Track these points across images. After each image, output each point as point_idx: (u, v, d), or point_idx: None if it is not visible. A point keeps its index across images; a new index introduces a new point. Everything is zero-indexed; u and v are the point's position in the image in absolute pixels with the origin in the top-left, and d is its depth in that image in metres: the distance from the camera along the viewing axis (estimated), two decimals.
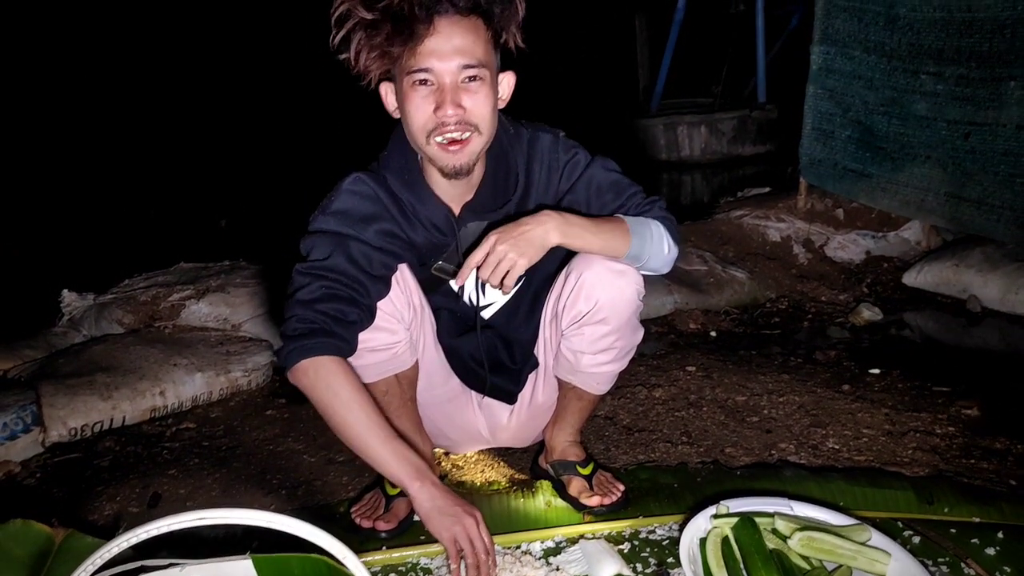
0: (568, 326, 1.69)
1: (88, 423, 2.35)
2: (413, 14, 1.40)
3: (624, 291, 1.64)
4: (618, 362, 1.77)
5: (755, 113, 8.00)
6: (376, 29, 1.41)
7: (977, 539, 1.67)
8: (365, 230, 1.58)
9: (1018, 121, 3.08)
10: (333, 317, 1.52)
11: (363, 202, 1.59)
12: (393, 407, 1.76)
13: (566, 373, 1.79)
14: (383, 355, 1.65)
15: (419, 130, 1.51)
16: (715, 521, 1.61)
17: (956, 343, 3.18)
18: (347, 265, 1.54)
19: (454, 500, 1.47)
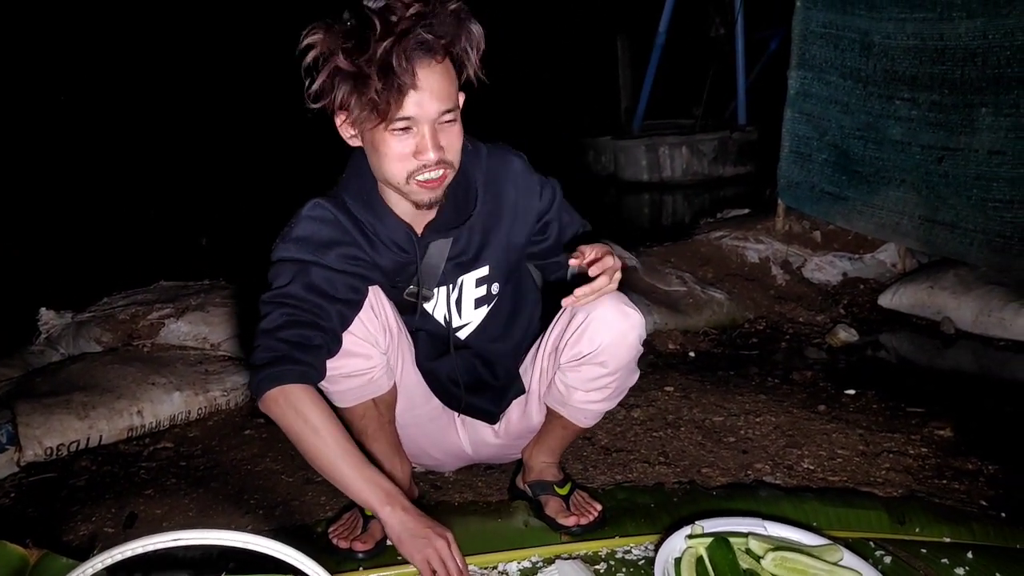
0: (567, 362, 1.70)
1: (64, 442, 2.34)
2: (401, 66, 1.40)
3: (628, 336, 1.65)
4: (609, 401, 1.78)
5: (735, 135, 8.10)
6: (364, 83, 1.41)
7: (947, 559, 1.69)
8: (326, 255, 1.58)
9: (989, 146, 3.14)
10: (295, 343, 1.53)
11: (323, 227, 1.60)
12: (370, 430, 1.76)
13: (555, 403, 1.80)
14: (359, 380, 1.66)
15: (398, 172, 1.52)
16: (690, 541, 1.62)
17: (930, 364, 3.23)
18: (305, 292, 1.55)
19: (425, 522, 1.48)
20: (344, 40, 1.41)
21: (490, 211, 1.72)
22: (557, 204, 1.80)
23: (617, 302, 1.64)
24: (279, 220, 1.66)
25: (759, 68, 8.36)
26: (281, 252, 1.59)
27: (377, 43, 1.38)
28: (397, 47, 1.39)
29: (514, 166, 1.73)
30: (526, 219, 1.76)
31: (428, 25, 1.41)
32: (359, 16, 1.40)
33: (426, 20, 1.41)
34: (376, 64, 1.39)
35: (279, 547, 1.20)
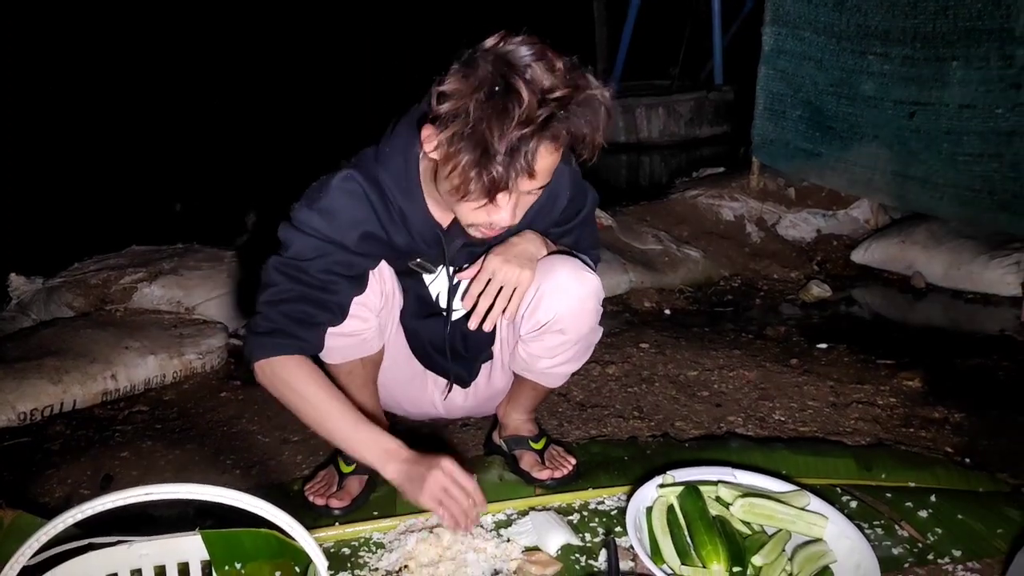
0: (527, 332, 1.69)
1: (38, 407, 2.33)
2: (527, 157, 1.33)
3: (585, 303, 1.64)
4: (575, 362, 1.78)
5: (712, 95, 8.05)
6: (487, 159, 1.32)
7: (911, 503, 1.74)
8: (349, 234, 1.55)
9: (960, 100, 3.16)
10: (297, 320, 1.54)
11: (351, 203, 1.55)
12: (353, 387, 1.77)
13: (521, 370, 1.81)
14: (351, 340, 1.67)
15: (464, 217, 1.47)
16: (661, 490, 1.65)
17: (901, 318, 3.27)
18: (321, 272, 1.55)
19: (424, 462, 1.46)
20: (484, 106, 1.30)
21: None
22: (582, 217, 1.79)
23: (572, 267, 1.63)
24: (256, 185, 1.64)
25: (735, 27, 8.30)
26: (305, 218, 1.54)
27: (517, 126, 1.29)
28: (534, 136, 1.32)
29: (563, 176, 1.65)
30: (548, 219, 1.73)
31: (566, 118, 1.33)
32: (507, 87, 1.29)
33: (567, 109, 1.33)
34: (506, 146, 1.30)
35: (249, 499, 1.20)
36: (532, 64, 1.31)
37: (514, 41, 1.35)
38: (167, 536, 1.39)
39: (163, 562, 1.38)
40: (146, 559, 1.36)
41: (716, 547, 1.48)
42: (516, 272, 1.60)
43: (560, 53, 1.37)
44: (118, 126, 7.68)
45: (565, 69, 1.34)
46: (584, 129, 1.36)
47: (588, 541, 1.64)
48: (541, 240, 1.68)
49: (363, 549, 1.64)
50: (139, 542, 1.36)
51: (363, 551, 1.63)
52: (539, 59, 1.32)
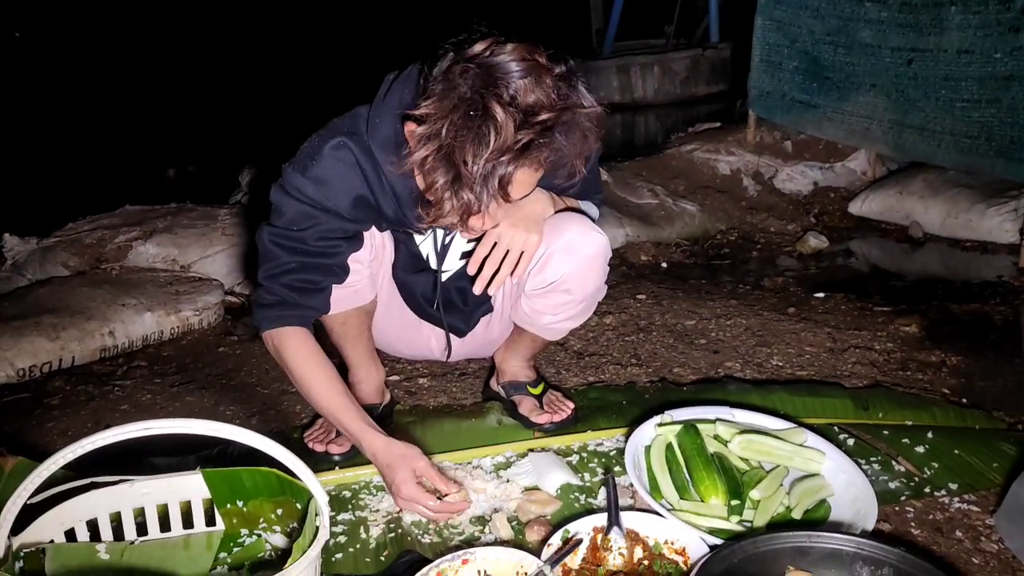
0: (532, 289, 1.67)
1: (36, 363, 2.33)
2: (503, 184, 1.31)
3: (594, 263, 1.63)
4: (577, 319, 1.78)
5: (708, 53, 7.98)
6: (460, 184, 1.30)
7: (908, 439, 1.75)
8: (342, 202, 1.54)
9: (958, 46, 3.13)
10: (299, 289, 1.57)
11: (343, 170, 1.52)
12: (349, 337, 1.79)
13: (523, 323, 1.80)
14: (345, 291, 1.67)
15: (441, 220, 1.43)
16: (659, 429, 1.66)
17: (898, 267, 3.27)
18: (318, 241, 1.55)
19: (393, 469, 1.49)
20: (460, 129, 1.27)
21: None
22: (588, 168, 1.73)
23: (581, 227, 1.60)
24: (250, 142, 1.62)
25: None
26: (297, 184, 1.52)
27: (492, 153, 1.26)
28: (511, 163, 1.29)
29: None
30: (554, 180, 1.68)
31: (548, 143, 1.30)
32: (485, 110, 1.25)
33: (550, 133, 1.29)
34: (479, 172, 1.28)
35: (249, 435, 1.21)
36: (517, 80, 1.26)
37: (503, 51, 1.28)
38: (168, 475, 1.40)
39: (165, 500, 1.38)
40: (148, 498, 1.37)
41: (714, 482, 1.49)
42: (523, 236, 1.56)
43: (555, 59, 1.30)
44: (111, 87, 7.62)
45: (554, 83, 1.29)
46: (566, 154, 1.33)
47: (587, 481, 1.66)
48: (549, 198, 1.63)
49: (364, 492, 1.65)
50: (141, 481, 1.37)
51: (364, 494, 1.64)
52: (526, 75, 1.26)
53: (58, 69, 8.02)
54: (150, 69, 8.36)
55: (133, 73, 8.18)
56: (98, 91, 7.52)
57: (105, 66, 8.15)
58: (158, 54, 8.78)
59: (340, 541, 1.50)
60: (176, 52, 8.92)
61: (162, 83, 8.05)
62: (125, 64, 8.33)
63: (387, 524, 1.54)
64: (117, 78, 7.95)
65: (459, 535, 1.50)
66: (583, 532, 1.39)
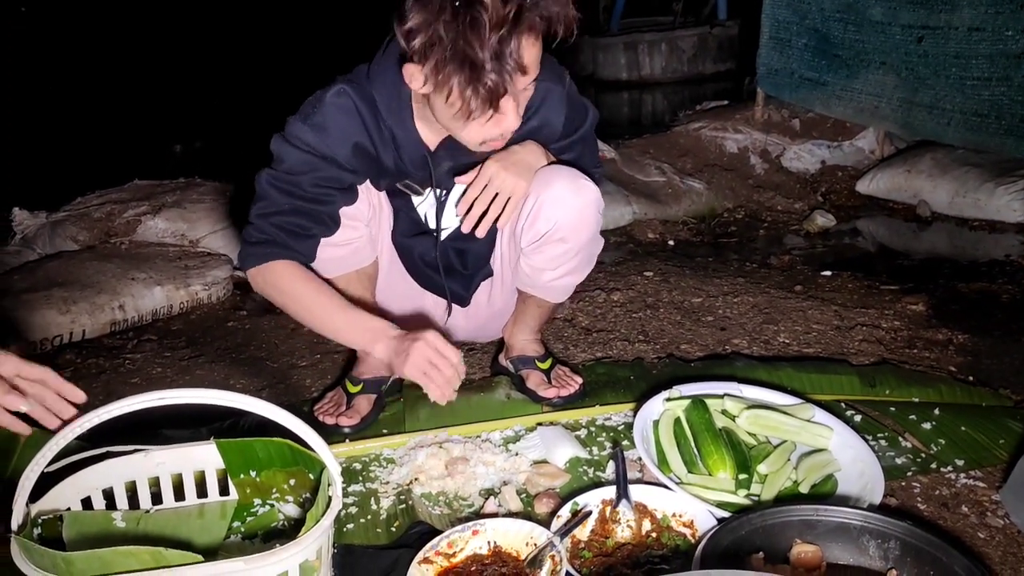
0: (528, 244, 1.69)
1: (47, 337, 2.34)
2: (515, 55, 1.34)
3: (584, 211, 1.65)
4: (579, 273, 1.79)
5: (715, 30, 7.92)
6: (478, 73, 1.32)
7: (915, 416, 1.76)
8: (340, 149, 1.56)
9: (969, 23, 3.10)
10: (290, 231, 1.57)
11: (343, 118, 1.56)
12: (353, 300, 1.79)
13: (526, 286, 1.82)
14: (344, 250, 1.68)
15: (473, 138, 1.48)
16: (667, 404, 1.67)
17: (905, 246, 3.26)
18: (313, 186, 1.57)
19: (409, 336, 1.49)
20: (453, 25, 1.30)
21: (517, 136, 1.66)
22: (582, 133, 1.77)
23: (570, 176, 1.63)
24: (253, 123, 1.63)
25: None
26: (299, 132, 1.55)
27: (492, 31, 1.29)
28: (512, 34, 1.32)
29: (548, 93, 1.65)
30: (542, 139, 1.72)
31: (535, 4, 1.33)
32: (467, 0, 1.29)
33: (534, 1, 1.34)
34: (490, 53, 1.31)
35: (262, 404, 1.22)
36: None
37: None
38: (182, 445, 1.42)
39: (179, 470, 1.40)
40: (163, 467, 1.39)
41: (722, 456, 1.51)
42: (512, 181, 1.62)
43: None
44: (119, 61, 7.60)
45: None
46: (554, 8, 1.37)
47: (596, 454, 1.67)
48: (542, 151, 1.68)
49: (374, 464, 1.67)
50: (156, 450, 1.38)
51: (374, 466, 1.66)
52: None
53: (66, 44, 8.00)
54: (158, 44, 8.34)
55: (141, 48, 8.16)
56: (107, 66, 7.50)
57: (114, 41, 8.13)
58: (166, 29, 8.75)
59: (351, 512, 1.52)
60: (184, 27, 8.89)
61: (170, 58, 8.03)
62: (134, 39, 8.31)
63: (397, 496, 1.55)
64: (126, 53, 7.93)
65: (469, 507, 1.52)
66: (592, 504, 1.41)
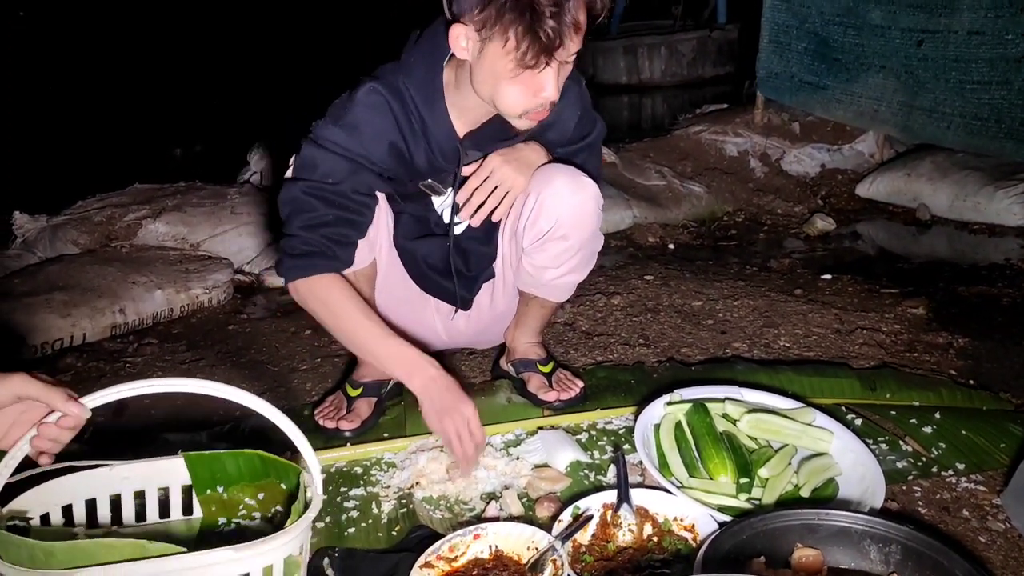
0: (530, 243, 1.70)
1: (48, 340, 2.34)
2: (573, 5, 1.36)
3: (584, 207, 1.66)
4: (580, 271, 1.79)
5: (715, 34, 7.93)
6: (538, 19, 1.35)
7: (916, 420, 1.76)
8: (375, 148, 1.56)
9: (969, 27, 3.11)
10: (336, 241, 1.58)
11: (375, 116, 1.56)
12: None
13: (529, 286, 1.81)
14: None
15: (515, 105, 1.48)
16: (668, 408, 1.67)
17: (905, 249, 3.26)
18: (354, 193, 1.58)
19: (452, 396, 1.50)
20: None
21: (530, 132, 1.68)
22: (588, 142, 1.79)
23: (570, 174, 1.65)
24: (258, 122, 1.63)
25: None
26: (331, 135, 1.55)
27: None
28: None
29: (571, 89, 1.66)
30: (549, 142, 1.74)
31: None
32: None
33: None
34: (551, 2, 1.34)
35: (231, 391, 1.23)
36: None
37: None
38: (148, 460, 1.37)
39: (143, 487, 1.36)
40: (126, 483, 1.34)
41: (723, 460, 1.51)
42: (512, 175, 1.66)
43: None
44: (119, 65, 7.61)
45: None
46: None
47: (597, 458, 1.67)
48: (544, 152, 1.71)
49: (375, 468, 1.67)
50: (120, 465, 1.33)
51: (375, 470, 1.66)
52: None
53: (66, 48, 8.01)
54: (158, 48, 8.35)
55: (141, 52, 8.16)
56: (107, 70, 7.51)
57: (113, 45, 8.13)
58: (166, 33, 8.76)
59: (352, 516, 1.52)
60: (183, 31, 8.90)
61: (170, 62, 8.03)
62: (133, 42, 8.31)
63: (398, 500, 1.55)
64: (125, 57, 7.94)
65: (470, 511, 1.52)
66: (593, 508, 1.41)
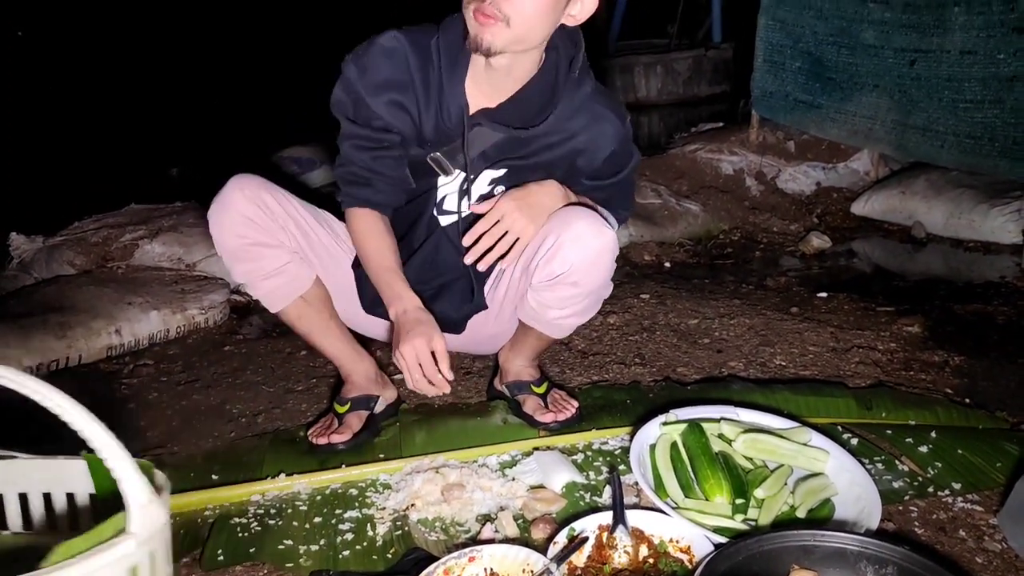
0: (539, 281, 1.67)
1: (44, 362, 2.33)
2: None
3: (602, 256, 1.63)
4: (584, 315, 1.77)
5: (710, 53, 7.98)
6: None
7: (911, 439, 1.76)
8: (373, 95, 1.60)
9: (961, 47, 3.14)
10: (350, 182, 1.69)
11: (386, 62, 1.59)
12: (316, 330, 1.80)
13: (529, 319, 1.79)
14: (280, 279, 1.69)
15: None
16: (664, 428, 1.67)
17: (901, 267, 3.27)
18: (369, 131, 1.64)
19: (422, 327, 1.52)
20: None
21: (551, 140, 1.68)
22: (620, 177, 1.78)
23: (591, 221, 1.61)
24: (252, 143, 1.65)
25: None
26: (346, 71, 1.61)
27: None
28: None
29: (606, 121, 1.68)
30: (576, 169, 1.73)
31: None
32: None
33: None
34: None
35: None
36: None
37: None
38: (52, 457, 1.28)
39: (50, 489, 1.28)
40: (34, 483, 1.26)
41: (719, 480, 1.50)
42: (523, 223, 1.64)
43: None
44: (115, 86, 7.62)
45: None
46: None
47: (592, 479, 1.67)
48: (562, 193, 1.68)
49: (370, 489, 1.66)
50: (23, 458, 1.27)
51: (370, 491, 1.65)
52: None
53: (62, 68, 8.04)
54: (152, 68, 8.38)
55: (136, 72, 8.19)
56: (102, 90, 7.53)
57: (108, 65, 8.16)
58: (160, 54, 8.79)
59: (347, 539, 1.51)
60: (177, 52, 8.93)
61: (164, 82, 8.06)
62: (128, 63, 8.34)
63: (394, 522, 1.55)
64: (120, 77, 7.96)
65: (465, 533, 1.51)
66: (589, 530, 1.40)
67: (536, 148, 1.68)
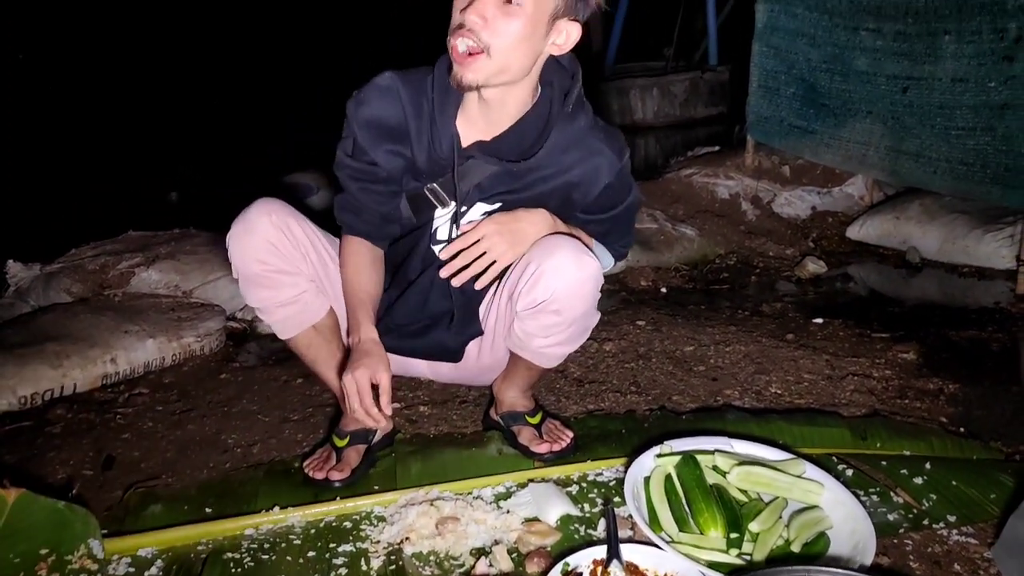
0: (523, 309, 1.67)
1: (38, 391, 2.34)
2: None
3: (583, 286, 1.63)
4: (570, 344, 1.77)
5: (706, 75, 8.04)
6: None
7: (906, 470, 1.76)
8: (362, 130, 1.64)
9: (952, 74, 3.16)
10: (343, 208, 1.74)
11: (379, 99, 1.64)
12: (321, 358, 1.81)
13: (516, 348, 1.80)
14: (292, 308, 1.71)
15: (451, 23, 1.51)
16: (659, 460, 1.67)
17: (896, 293, 3.28)
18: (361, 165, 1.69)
19: (371, 359, 1.56)
20: None
21: (545, 173, 1.69)
22: (616, 213, 1.79)
23: (573, 250, 1.61)
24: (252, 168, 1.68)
25: (729, 7, 8.29)
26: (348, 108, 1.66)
27: None
28: None
29: (600, 156, 1.70)
30: (572, 203, 1.74)
31: None
32: None
33: None
34: None
35: None
36: None
37: None
38: None
39: None
40: None
41: (713, 514, 1.50)
42: (503, 247, 1.66)
43: None
44: (113, 112, 7.66)
45: None
46: None
47: (587, 511, 1.66)
48: (549, 222, 1.69)
49: (364, 522, 1.66)
50: None
51: (364, 524, 1.65)
52: None
53: (61, 93, 8.08)
54: (150, 92, 8.42)
55: (134, 97, 8.23)
56: (100, 116, 7.56)
57: (107, 91, 8.20)
58: (158, 75, 8.84)
59: (341, 573, 1.50)
60: (175, 73, 8.98)
61: (162, 105, 8.10)
62: (126, 89, 8.39)
63: (388, 556, 1.54)
64: (119, 103, 8.00)
65: (459, 567, 1.51)
66: (583, 565, 1.40)
67: (530, 181, 1.69)
